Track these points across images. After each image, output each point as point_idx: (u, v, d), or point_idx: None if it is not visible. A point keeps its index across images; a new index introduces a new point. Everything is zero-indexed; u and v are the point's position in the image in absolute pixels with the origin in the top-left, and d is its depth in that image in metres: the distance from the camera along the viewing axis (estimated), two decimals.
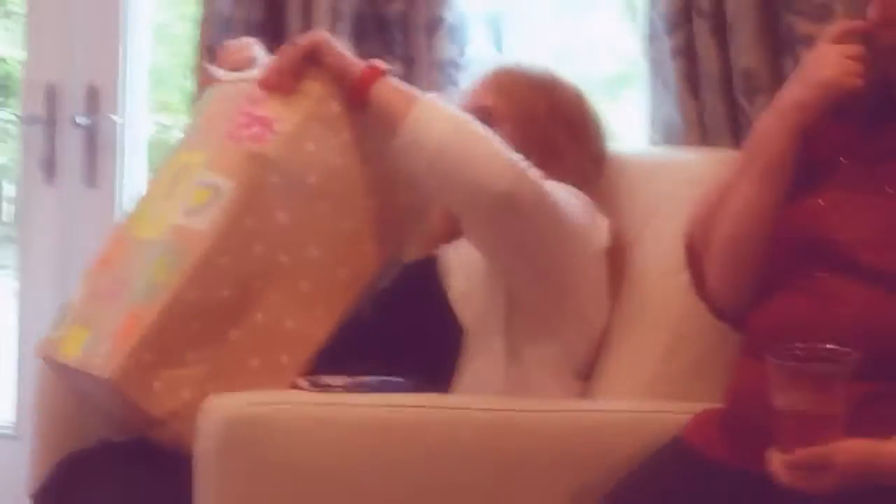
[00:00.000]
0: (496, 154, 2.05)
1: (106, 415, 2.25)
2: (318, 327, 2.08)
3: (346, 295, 2.10)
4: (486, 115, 2.28)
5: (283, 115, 2.10)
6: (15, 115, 3.56)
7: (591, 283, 2.21)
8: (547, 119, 2.34)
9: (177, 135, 3.68)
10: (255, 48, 2.28)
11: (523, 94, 2.34)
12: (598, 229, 2.22)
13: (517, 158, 2.06)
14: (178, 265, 2.03)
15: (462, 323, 2.21)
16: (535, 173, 2.07)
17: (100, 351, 2.03)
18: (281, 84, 2.11)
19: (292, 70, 2.11)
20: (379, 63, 2.13)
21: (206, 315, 2.02)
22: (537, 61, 2.64)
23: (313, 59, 2.12)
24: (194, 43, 2.98)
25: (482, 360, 2.17)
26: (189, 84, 3.10)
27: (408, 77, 2.74)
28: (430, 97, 2.12)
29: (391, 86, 2.11)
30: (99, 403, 2.19)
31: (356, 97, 2.11)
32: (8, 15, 4.01)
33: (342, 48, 2.14)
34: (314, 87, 2.12)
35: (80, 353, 2.09)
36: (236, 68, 2.23)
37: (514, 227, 2.07)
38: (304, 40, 2.14)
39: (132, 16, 3.30)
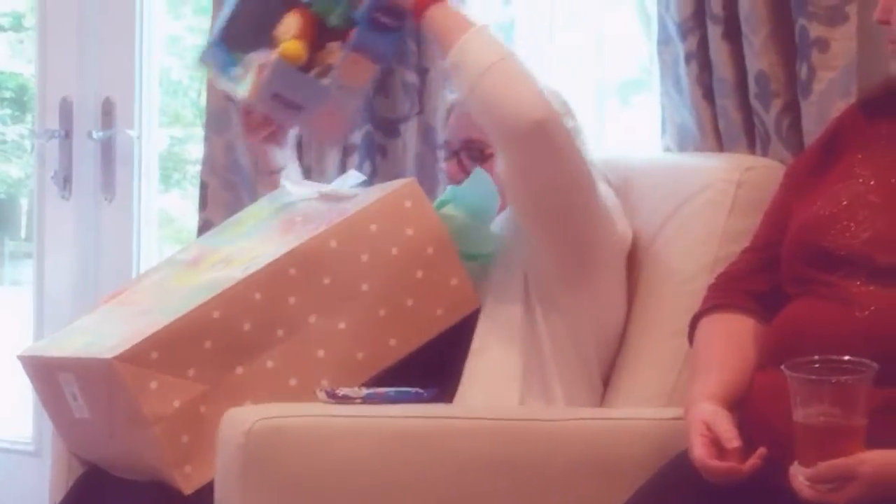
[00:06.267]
0: (533, 89, 2.11)
1: (73, 438, 2.26)
2: (315, 396, 2.08)
3: (354, 376, 2.10)
4: (479, 149, 2.33)
5: (360, 202, 2.15)
6: (30, 129, 3.57)
7: (612, 271, 2.23)
8: None
9: (189, 148, 3.68)
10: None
11: None
12: (624, 225, 2.25)
13: (555, 103, 2.12)
14: (213, 293, 2.05)
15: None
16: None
17: (105, 344, 2.04)
18: None
19: None
20: None
21: (221, 339, 2.03)
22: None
23: None
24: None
25: (497, 350, 2.18)
26: (200, 98, 3.09)
27: (422, 86, 2.74)
28: (482, 27, 2.17)
29: (447, 11, 2.19)
30: (72, 421, 2.18)
31: (413, 19, 2.20)
32: (20, 29, 4.01)
33: None
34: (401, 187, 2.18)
35: (79, 347, 2.11)
36: None
37: (545, 157, 2.10)
38: None
39: (147, 28, 3.30)
